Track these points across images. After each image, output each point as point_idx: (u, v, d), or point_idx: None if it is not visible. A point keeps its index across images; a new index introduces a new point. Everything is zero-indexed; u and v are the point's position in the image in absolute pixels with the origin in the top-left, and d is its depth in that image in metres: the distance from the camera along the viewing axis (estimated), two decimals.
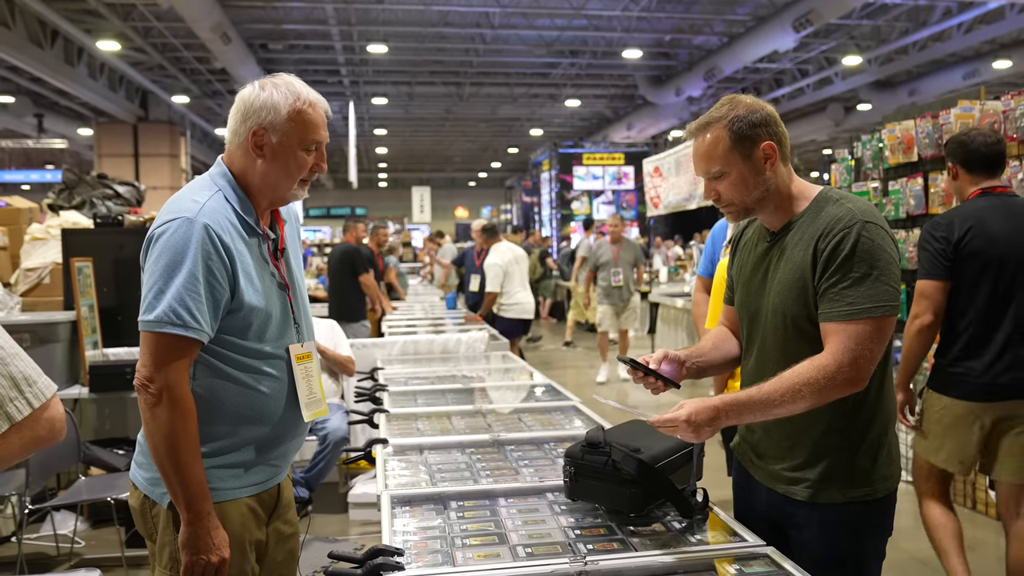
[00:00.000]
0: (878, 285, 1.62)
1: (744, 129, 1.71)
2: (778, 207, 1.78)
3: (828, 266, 1.65)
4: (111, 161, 15.82)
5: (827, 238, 1.66)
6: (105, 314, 4.53)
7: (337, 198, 33.47)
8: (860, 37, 13.58)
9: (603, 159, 18.12)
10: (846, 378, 1.62)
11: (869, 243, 1.63)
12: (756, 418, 1.68)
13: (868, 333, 1.62)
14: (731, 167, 1.73)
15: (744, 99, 1.77)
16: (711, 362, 1.95)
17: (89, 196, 5.38)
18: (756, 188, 1.74)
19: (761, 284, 1.81)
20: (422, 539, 1.78)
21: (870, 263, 1.63)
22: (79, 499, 3.68)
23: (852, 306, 1.62)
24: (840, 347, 1.62)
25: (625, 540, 1.76)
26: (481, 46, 14.44)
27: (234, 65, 12.58)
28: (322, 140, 1.79)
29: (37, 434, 1.41)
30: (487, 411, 3.10)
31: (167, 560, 1.72)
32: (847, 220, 1.66)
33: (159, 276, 1.63)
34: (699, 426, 1.63)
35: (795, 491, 1.77)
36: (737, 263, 1.94)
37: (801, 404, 1.63)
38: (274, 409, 1.78)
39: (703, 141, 1.76)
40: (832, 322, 1.64)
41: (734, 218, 1.82)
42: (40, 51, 11.48)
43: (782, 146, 1.76)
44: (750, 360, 1.87)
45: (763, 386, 1.65)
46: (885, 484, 1.76)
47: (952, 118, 4.42)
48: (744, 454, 1.95)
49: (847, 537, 1.75)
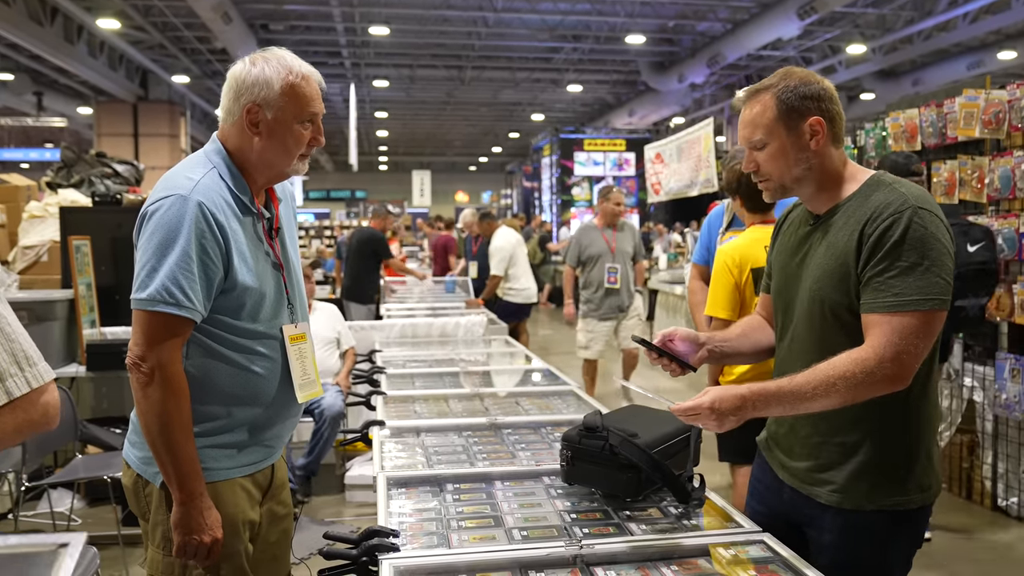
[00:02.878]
0: (928, 276, 1.51)
1: (793, 100, 1.63)
2: (822, 188, 1.67)
3: (875, 253, 1.54)
4: (110, 140, 15.77)
5: (875, 223, 1.55)
6: (103, 293, 4.52)
7: (337, 181, 33.39)
8: (865, 25, 13.50)
9: (604, 145, 18.05)
10: (887, 374, 1.50)
11: (922, 231, 1.52)
12: (785, 411, 1.60)
13: (914, 327, 1.50)
14: (773, 138, 1.65)
15: (799, 71, 1.69)
16: (738, 349, 1.86)
17: (88, 175, 5.36)
18: (797, 164, 1.65)
19: (799, 269, 1.71)
20: (418, 521, 1.78)
21: (921, 252, 1.51)
22: (76, 477, 3.68)
23: (899, 297, 1.51)
24: (882, 340, 1.51)
25: (621, 524, 1.75)
26: (483, 29, 14.35)
27: (234, 45, 12.50)
28: (318, 112, 1.76)
29: (31, 417, 1.40)
30: (484, 394, 3.10)
31: (160, 539, 1.72)
32: (898, 205, 1.54)
33: (152, 254, 1.62)
34: (723, 414, 1.55)
35: (820, 493, 1.67)
36: (777, 247, 1.84)
37: (835, 399, 1.53)
38: (268, 390, 1.77)
39: (750, 108, 1.68)
40: (875, 313, 1.53)
41: (771, 195, 1.73)
42: (40, 28, 11.41)
43: (833, 124, 1.65)
44: (782, 350, 1.77)
45: (795, 377, 1.56)
46: (921, 496, 1.64)
47: (956, 107, 4.39)
48: (769, 450, 1.85)
49: (871, 546, 1.65)
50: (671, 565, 1.58)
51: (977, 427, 4.42)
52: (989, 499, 4.32)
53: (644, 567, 1.57)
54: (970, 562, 3.68)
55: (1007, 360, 4.04)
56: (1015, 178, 4.03)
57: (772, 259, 1.86)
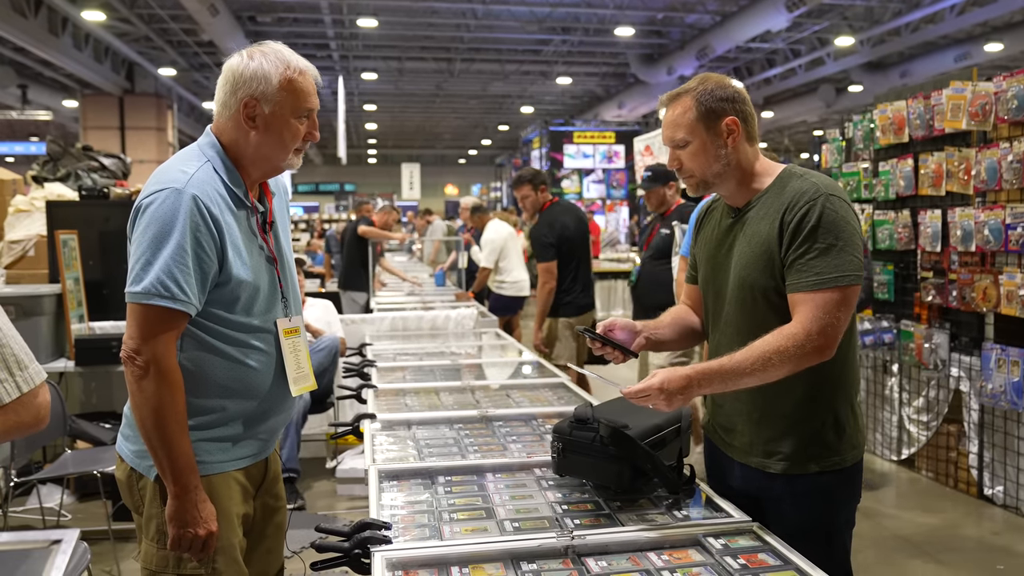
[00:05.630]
0: (843, 255, 1.67)
1: (710, 102, 1.78)
2: (740, 183, 1.83)
3: (795, 238, 1.70)
4: (97, 133, 15.63)
5: (793, 211, 1.71)
6: (91, 287, 4.50)
7: (326, 174, 33.24)
8: (853, 18, 13.54)
9: (594, 138, 18.02)
10: (815, 346, 1.65)
11: (834, 215, 1.69)
12: (728, 387, 1.70)
13: (835, 301, 1.66)
14: (694, 137, 1.79)
15: (715, 76, 1.84)
16: (668, 336, 2.01)
17: (74, 168, 5.31)
18: (716, 161, 1.80)
19: (726, 259, 1.85)
20: (410, 513, 1.79)
21: (835, 234, 1.68)
22: (65, 472, 3.67)
23: (820, 276, 1.67)
24: (809, 316, 1.66)
25: (612, 515, 1.77)
26: (472, 22, 14.30)
27: (222, 38, 12.40)
28: (314, 107, 1.77)
29: (21, 419, 1.40)
30: (475, 387, 3.10)
31: (154, 533, 1.72)
32: (812, 193, 1.71)
33: (147, 247, 1.61)
34: (672, 394, 1.65)
35: (769, 464, 1.81)
36: (701, 241, 1.99)
37: (772, 373, 1.66)
38: (262, 383, 1.77)
39: (672, 110, 1.83)
40: (800, 292, 1.69)
41: (694, 190, 1.88)
42: (24, 20, 11.29)
43: (747, 124, 1.81)
44: (716, 335, 1.91)
45: (734, 355, 1.68)
46: (853, 453, 1.81)
47: (944, 99, 4.42)
48: (713, 432, 1.99)
49: (822, 506, 1.79)
50: (662, 555, 1.59)
51: (963, 417, 4.46)
52: (975, 488, 4.36)
53: (635, 557, 1.58)
54: (956, 550, 3.72)
55: (993, 350, 4.08)
56: (1001, 170, 4.06)
57: (697, 252, 2.01)
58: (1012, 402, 3.98)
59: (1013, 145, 3.99)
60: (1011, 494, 4.15)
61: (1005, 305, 4.01)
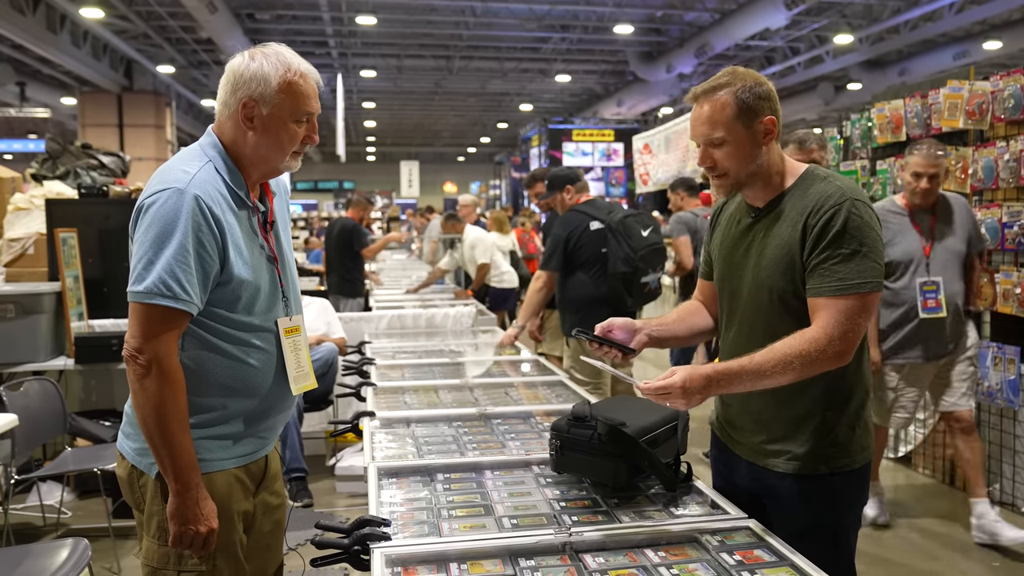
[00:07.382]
0: (867, 262, 1.66)
1: (750, 100, 1.73)
2: (767, 183, 1.79)
3: (819, 242, 1.68)
4: (95, 131, 15.60)
5: (818, 214, 1.69)
6: (90, 285, 4.50)
7: (325, 171, 33.21)
8: (852, 16, 13.54)
9: (593, 135, 18.03)
10: (836, 351, 1.65)
11: (859, 220, 1.67)
12: (746, 387, 1.70)
13: (857, 308, 1.65)
14: (733, 135, 1.74)
15: (747, 71, 1.78)
16: (675, 333, 1.99)
17: (73, 166, 5.31)
18: (752, 160, 1.75)
19: (744, 259, 1.83)
20: (408, 510, 1.80)
21: (860, 240, 1.66)
22: (65, 470, 3.67)
23: (842, 281, 1.65)
24: (831, 321, 1.65)
25: (610, 512, 1.78)
26: (471, 19, 14.28)
27: (220, 35, 12.38)
28: (313, 111, 1.77)
29: None
30: (474, 385, 3.11)
31: (155, 530, 1.73)
32: (838, 197, 1.68)
33: (149, 247, 1.62)
34: (692, 393, 1.64)
35: (777, 464, 1.81)
36: (717, 238, 1.96)
37: (790, 375, 1.65)
38: (262, 382, 1.78)
39: (709, 106, 1.75)
40: (822, 297, 1.67)
41: (725, 190, 1.82)
42: (22, 17, 11.27)
43: (778, 123, 1.78)
44: (730, 333, 1.89)
45: (754, 356, 1.66)
46: (862, 455, 1.81)
47: (941, 98, 4.43)
48: (722, 429, 1.98)
49: (828, 507, 1.79)
50: (659, 551, 1.60)
51: None
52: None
53: (632, 553, 1.60)
54: (953, 548, 3.74)
55: (989, 348, 4.09)
56: (998, 168, 4.07)
57: (713, 250, 1.97)
58: (1008, 400, 3.99)
59: (1010, 144, 4.00)
60: (1007, 491, 4.16)
61: (1001, 303, 4.02)
